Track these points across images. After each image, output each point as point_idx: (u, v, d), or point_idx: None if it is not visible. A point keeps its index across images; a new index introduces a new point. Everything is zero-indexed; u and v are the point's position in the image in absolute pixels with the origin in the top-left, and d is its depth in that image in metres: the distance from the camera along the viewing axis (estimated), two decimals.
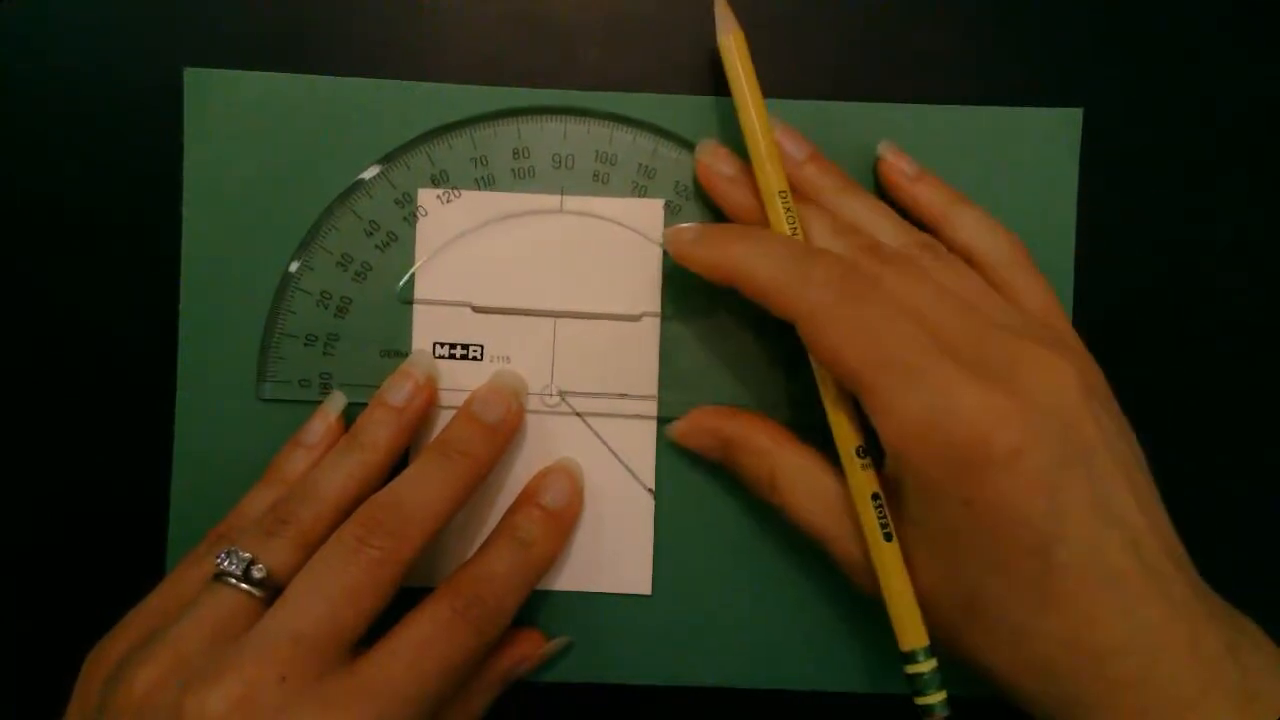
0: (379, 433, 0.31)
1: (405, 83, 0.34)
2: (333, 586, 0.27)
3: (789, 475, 0.31)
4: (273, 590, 0.28)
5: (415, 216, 0.34)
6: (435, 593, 0.29)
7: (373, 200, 0.34)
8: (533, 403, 0.34)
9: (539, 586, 0.33)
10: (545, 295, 0.34)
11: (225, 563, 0.28)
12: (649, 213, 0.34)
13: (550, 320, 0.34)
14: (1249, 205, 0.35)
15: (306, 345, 0.34)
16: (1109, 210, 0.35)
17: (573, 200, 0.34)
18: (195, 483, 0.34)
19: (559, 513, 0.33)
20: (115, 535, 0.34)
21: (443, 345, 0.34)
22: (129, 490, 0.34)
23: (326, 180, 0.34)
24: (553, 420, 0.34)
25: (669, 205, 0.34)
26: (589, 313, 0.34)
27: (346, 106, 0.34)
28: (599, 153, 0.34)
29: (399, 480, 0.30)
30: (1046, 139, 0.34)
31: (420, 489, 0.29)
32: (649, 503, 0.34)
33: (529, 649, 0.33)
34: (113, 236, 0.34)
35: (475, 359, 0.34)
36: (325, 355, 0.34)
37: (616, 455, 0.34)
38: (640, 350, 0.34)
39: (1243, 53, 0.35)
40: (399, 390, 0.32)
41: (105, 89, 0.34)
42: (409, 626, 0.28)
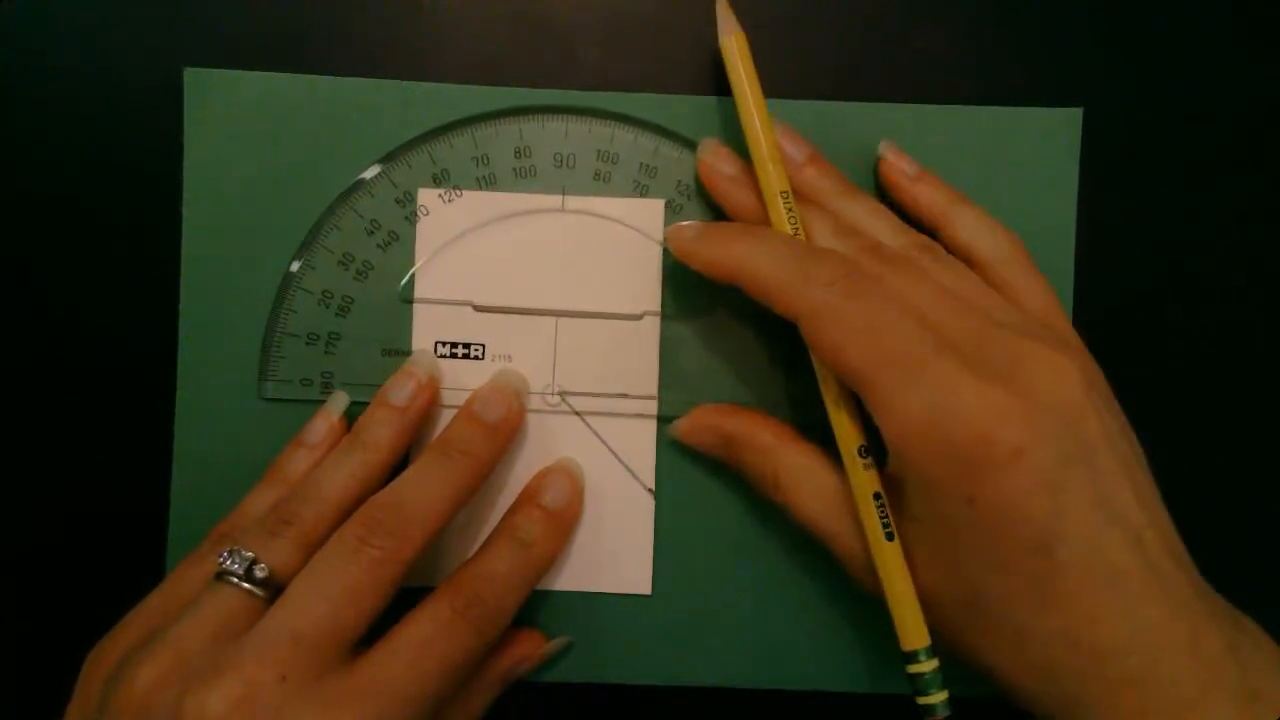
0: (381, 432, 0.31)
1: (405, 83, 0.34)
2: (333, 586, 0.27)
3: (791, 473, 0.31)
4: (274, 590, 0.28)
5: (416, 216, 0.34)
6: (435, 592, 0.29)
7: (374, 199, 0.34)
8: (534, 402, 0.34)
9: (539, 586, 0.33)
10: (546, 294, 0.34)
11: (227, 562, 0.28)
12: (650, 212, 0.34)
13: (552, 319, 0.34)
14: (1249, 205, 0.35)
15: (308, 344, 0.34)
16: (1109, 210, 0.35)
17: (574, 200, 0.34)
18: (195, 482, 0.34)
19: (559, 513, 0.33)
20: (115, 535, 0.34)
21: (444, 344, 0.34)
22: (129, 490, 0.34)
23: (327, 180, 0.34)
24: (553, 420, 0.34)
25: (670, 204, 0.34)
26: (590, 312, 0.34)
27: (346, 106, 0.34)
28: (600, 152, 0.34)
29: (400, 480, 0.30)
30: (1046, 139, 0.34)
31: (421, 489, 0.29)
32: (649, 503, 0.34)
33: (529, 649, 0.33)
34: (113, 236, 0.34)
35: (477, 358, 0.34)
36: (327, 354, 0.34)
37: (616, 455, 0.34)
38: (641, 349, 0.34)
39: (1243, 53, 0.35)
40: (401, 390, 0.32)
41: (105, 89, 0.34)
42: (409, 626, 0.28)
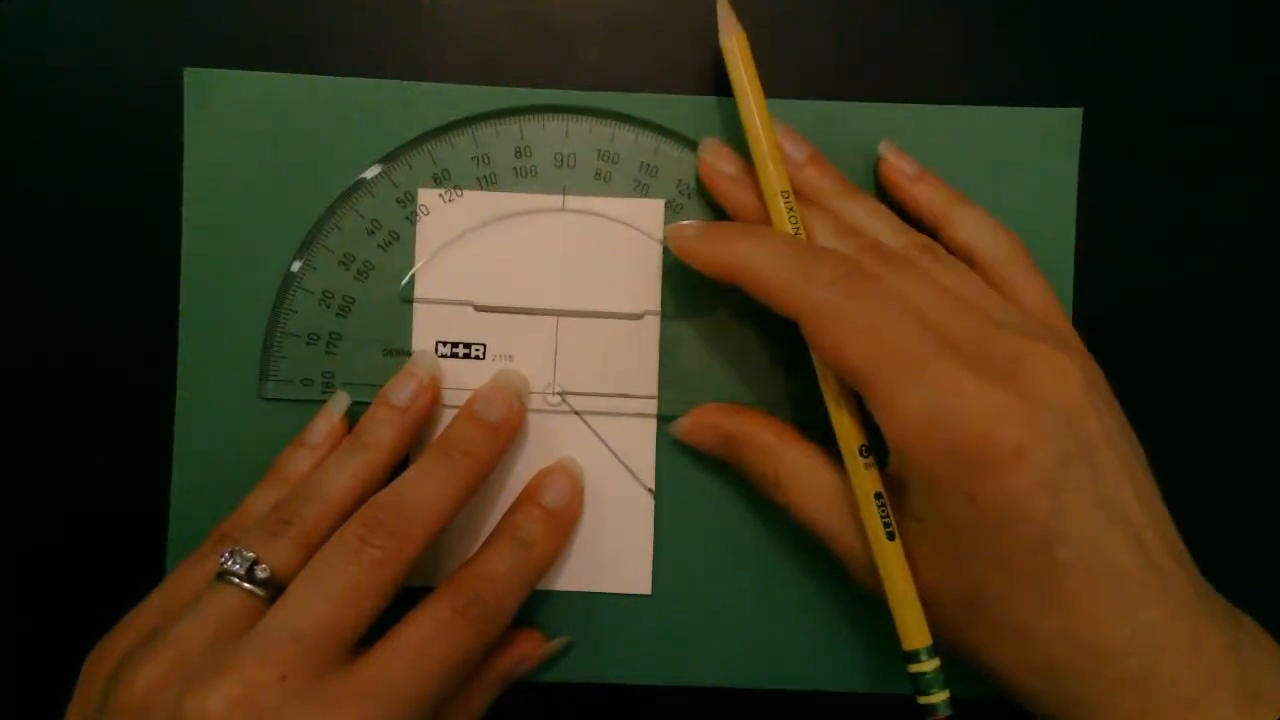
0: (382, 432, 0.31)
1: (405, 83, 0.34)
2: (334, 586, 0.27)
3: (792, 472, 0.31)
4: (275, 590, 0.28)
5: (417, 215, 0.34)
6: (436, 592, 0.29)
7: (374, 199, 0.34)
8: (534, 401, 0.34)
9: (539, 586, 0.33)
10: (547, 294, 0.34)
11: (229, 562, 0.28)
12: (650, 212, 0.34)
13: (552, 319, 0.34)
14: (1249, 205, 0.35)
15: (309, 344, 0.34)
16: (1109, 210, 0.35)
17: (574, 199, 0.34)
18: (195, 482, 0.34)
19: (559, 513, 0.33)
20: (115, 535, 0.34)
21: (445, 344, 0.34)
22: (129, 490, 0.34)
23: (327, 180, 0.34)
24: (554, 419, 0.34)
25: (671, 204, 0.34)
26: (591, 311, 0.34)
27: (346, 106, 0.34)
28: (601, 151, 0.34)
29: (401, 480, 0.30)
30: (1046, 139, 0.34)
31: (422, 488, 0.29)
32: (649, 503, 0.34)
33: (529, 649, 0.33)
34: (113, 236, 0.34)
35: (478, 358, 0.34)
36: (327, 354, 0.34)
37: (616, 455, 0.34)
38: (641, 349, 0.34)
39: (1243, 53, 0.35)
40: (402, 390, 0.32)
41: (105, 89, 0.34)
42: (409, 626, 0.28)
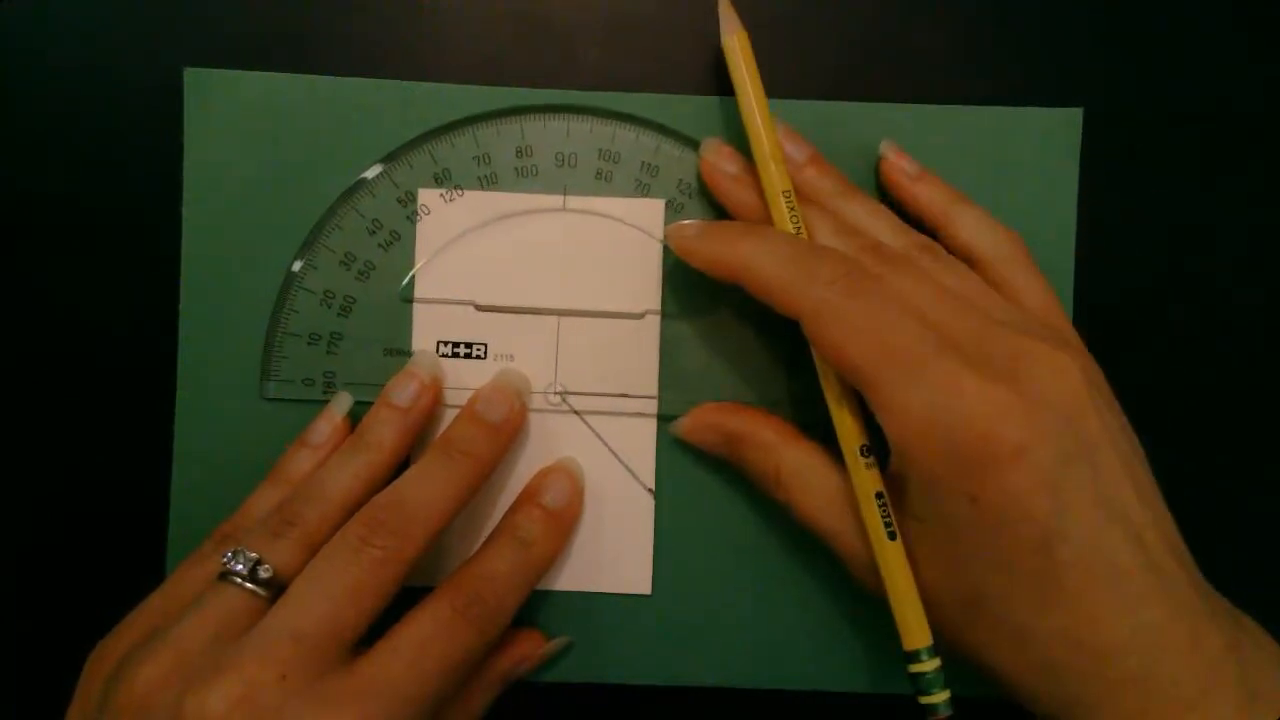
0: (384, 433, 0.31)
1: (405, 83, 0.34)
2: (335, 585, 0.27)
3: (794, 471, 0.31)
4: (277, 590, 0.28)
5: (418, 215, 0.34)
6: (436, 592, 0.29)
7: (375, 199, 0.34)
8: (535, 401, 0.34)
9: (539, 586, 0.33)
10: (548, 294, 0.34)
11: (232, 562, 0.28)
12: (651, 211, 0.34)
13: (553, 319, 0.34)
14: (1249, 205, 0.35)
15: (310, 344, 0.34)
16: (1109, 210, 0.35)
17: (575, 199, 0.34)
18: (195, 482, 0.34)
19: (559, 512, 0.33)
20: (115, 535, 0.34)
21: (446, 344, 0.34)
22: (129, 490, 0.34)
23: (327, 180, 0.34)
24: (554, 419, 0.34)
25: (671, 203, 0.34)
26: (592, 311, 0.34)
27: (346, 106, 0.34)
28: (602, 151, 0.34)
29: (402, 480, 0.30)
30: (1046, 139, 0.34)
31: (423, 488, 0.29)
32: (649, 503, 0.34)
33: (529, 649, 0.33)
34: (113, 236, 0.34)
35: (479, 358, 0.34)
36: (329, 354, 0.34)
37: (617, 455, 0.34)
38: (642, 348, 0.34)
39: (1243, 52, 0.35)
40: (404, 390, 0.32)
41: (105, 89, 0.34)
42: (410, 625, 0.28)
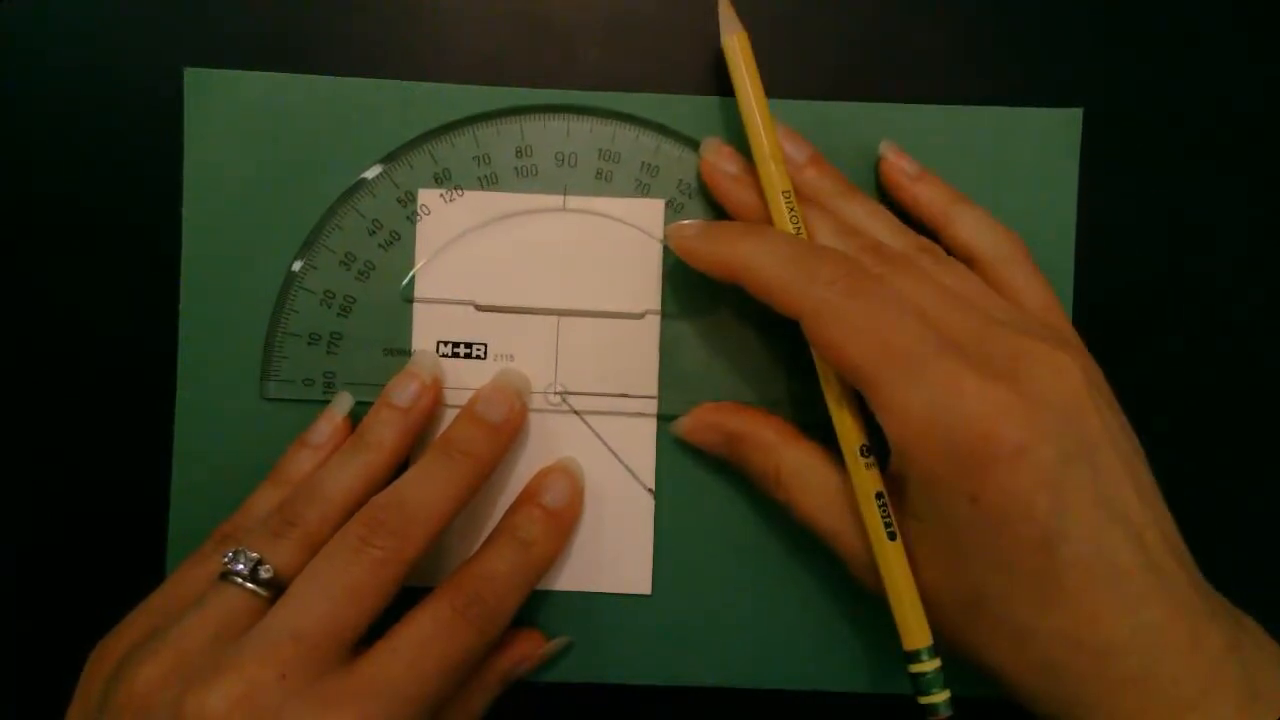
0: (384, 433, 0.31)
1: (405, 83, 0.34)
2: (335, 585, 0.27)
3: (794, 471, 0.31)
4: (278, 590, 0.28)
5: (418, 215, 0.34)
6: (436, 592, 0.29)
7: (375, 199, 0.34)
8: (535, 401, 0.34)
9: (539, 586, 0.33)
10: (548, 294, 0.34)
11: (232, 562, 0.28)
12: (651, 211, 0.34)
13: (553, 318, 0.34)
14: (1249, 205, 0.35)
15: (310, 344, 0.34)
16: (1109, 210, 0.35)
17: (575, 199, 0.34)
18: (196, 482, 0.34)
19: (559, 512, 0.33)
20: (115, 535, 0.34)
21: (446, 344, 0.34)
22: (129, 490, 0.34)
23: (327, 180, 0.34)
24: (555, 419, 0.34)
25: (671, 203, 0.34)
26: (592, 311, 0.34)
27: (346, 106, 0.34)
28: (602, 150, 0.34)
29: (402, 480, 0.30)
30: (1046, 139, 0.34)
31: (423, 489, 0.29)
32: (649, 503, 0.34)
33: (529, 649, 0.33)
34: (113, 236, 0.34)
35: (479, 358, 0.34)
36: (329, 354, 0.34)
37: (616, 455, 0.34)
38: (642, 348, 0.34)
39: (1243, 52, 0.35)
40: (404, 391, 0.32)
41: (105, 89, 0.34)
42: (409, 625, 0.28)
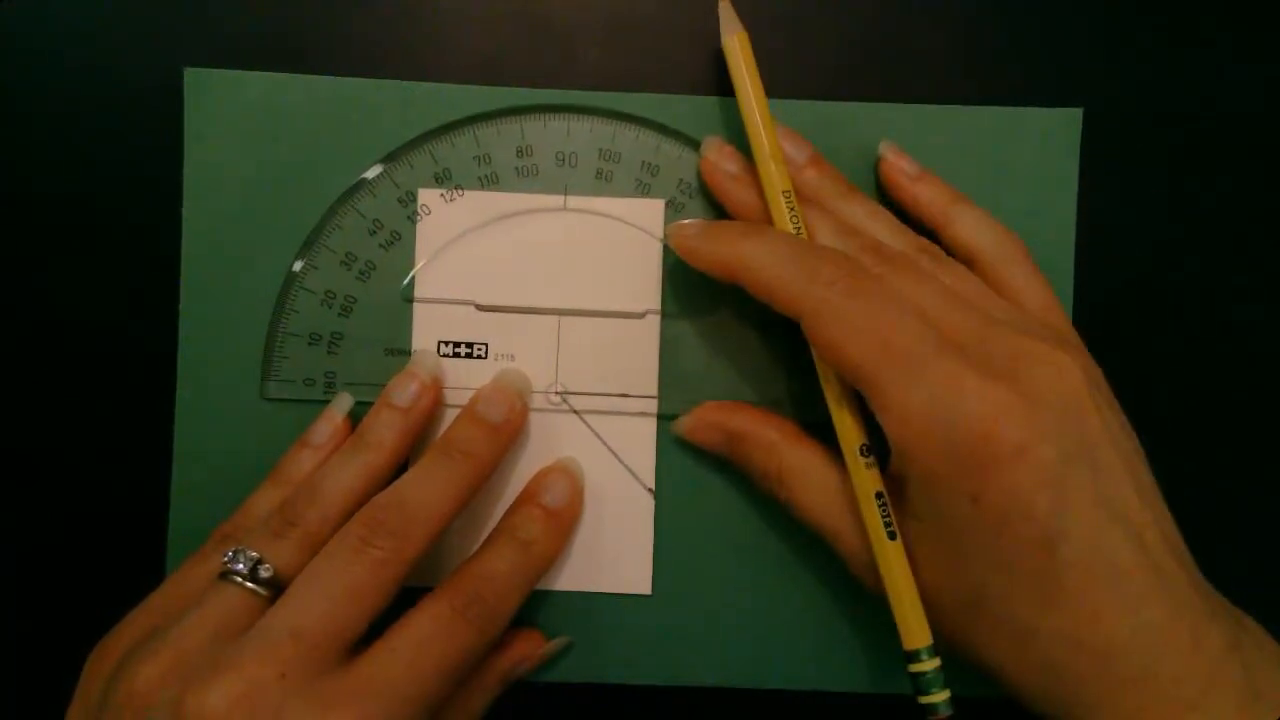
0: (385, 433, 0.31)
1: (405, 83, 0.34)
2: (335, 585, 0.27)
3: (794, 470, 0.31)
4: (278, 590, 0.28)
5: (418, 215, 0.34)
6: (435, 591, 0.29)
7: (376, 199, 0.34)
8: (535, 401, 0.34)
9: (539, 586, 0.33)
10: (549, 293, 0.34)
11: (232, 562, 0.28)
12: (652, 211, 0.34)
13: (554, 318, 0.34)
14: (1249, 205, 0.35)
15: (310, 344, 0.34)
16: (1109, 210, 0.35)
17: (575, 199, 0.34)
18: (196, 482, 0.34)
19: (559, 512, 0.33)
20: (115, 535, 0.34)
21: (447, 344, 0.34)
22: (129, 490, 0.34)
23: (327, 180, 0.34)
24: (554, 419, 0.34)
25: (672, 203, 0.34)
26: (592, 310, 0.34)
27: (346, 106, 0.34)
28: (602, 150, 0.34)
29: (402, 480, 0.30)
30: (1046, 139, 0.34)
31: (423, 489, 0.29)
32: (649, 503, 0.34)
33: (529, 649, 0.33)
34: (113, 236, 0.34)
35: (479, 357, 0.34)
36: (329, 354, 0.34)
37: (617, 455, 0.34)
38: (643, 348, 0.34)
39: (1243, 52, 0.35)
40: (404, 391, 0.32)
41: (105, 89, 0.34)
42: (409, 625, 0.28)
